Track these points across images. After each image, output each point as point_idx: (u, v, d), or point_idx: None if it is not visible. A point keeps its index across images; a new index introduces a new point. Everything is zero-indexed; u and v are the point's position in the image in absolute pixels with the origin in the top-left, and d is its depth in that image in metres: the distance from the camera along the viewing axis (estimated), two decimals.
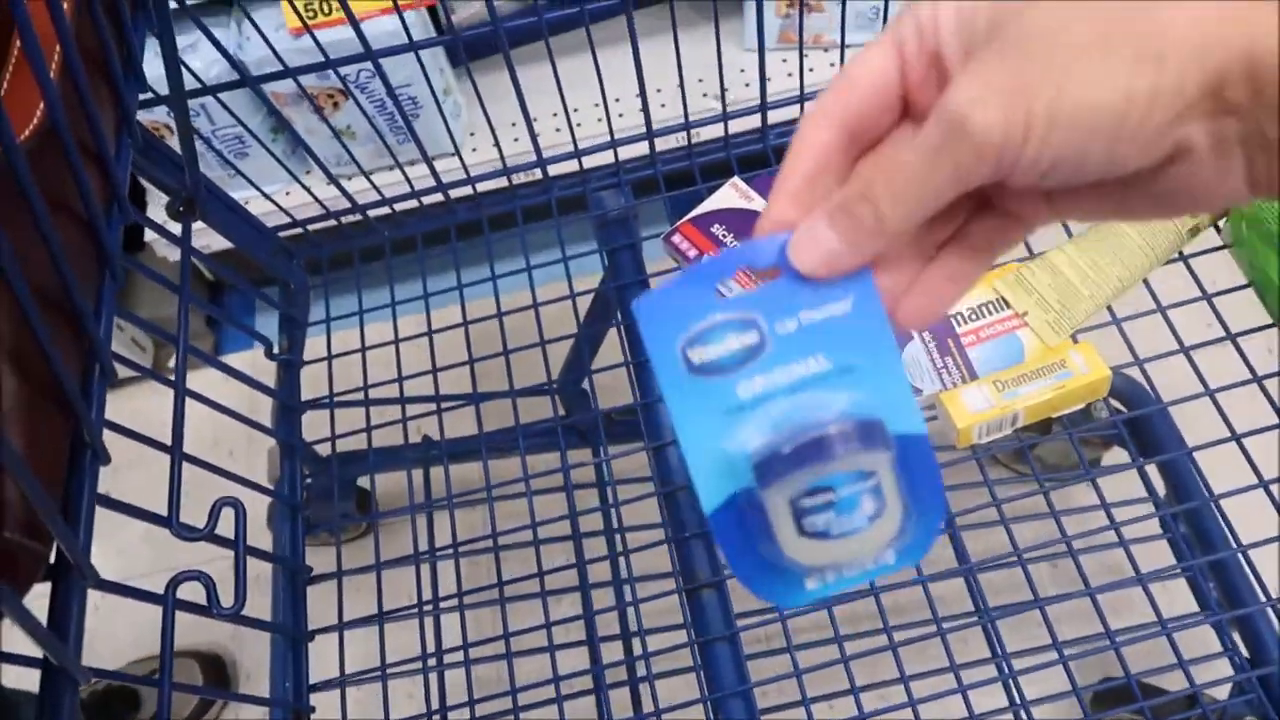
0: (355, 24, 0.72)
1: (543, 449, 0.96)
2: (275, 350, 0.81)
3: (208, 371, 0.72)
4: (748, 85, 1.29)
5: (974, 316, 0.70)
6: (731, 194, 0.79)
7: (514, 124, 1.32)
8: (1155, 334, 0.71)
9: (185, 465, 0.63)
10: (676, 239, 0.77)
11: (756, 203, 0.78)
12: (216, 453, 1.44)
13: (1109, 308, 0.70)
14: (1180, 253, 0.71)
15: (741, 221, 0.77)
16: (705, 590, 0.67)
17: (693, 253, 0.76)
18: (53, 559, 0.44)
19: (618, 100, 1.28)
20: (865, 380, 0.30)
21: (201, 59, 1.14)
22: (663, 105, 1.29)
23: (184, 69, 0.76)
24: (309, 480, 1.14)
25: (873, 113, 0.30)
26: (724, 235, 0.76)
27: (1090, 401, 0.67)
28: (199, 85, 0.76)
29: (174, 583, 0.59)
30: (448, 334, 0.82)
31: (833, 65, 1.28)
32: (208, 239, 1.29)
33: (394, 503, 1.31)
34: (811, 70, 1.30)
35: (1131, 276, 0.69)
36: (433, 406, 0.81)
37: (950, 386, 0.68)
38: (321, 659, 0.72)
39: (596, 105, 1.31)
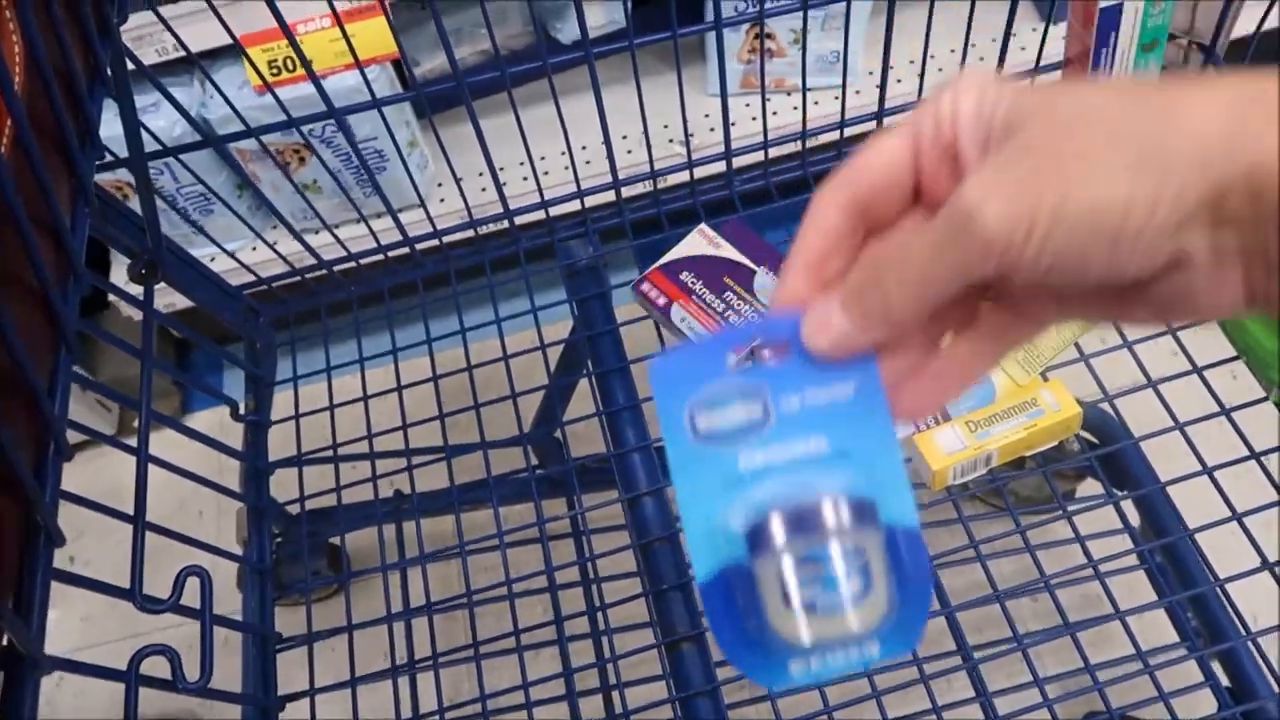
0: (317, 82, 0.72)
1: (517, 500, 0.95)
2: (241, 410, 0.79)
3: (166, 431, 0.71)
4: (712, 130, 1.30)
5: None
6: (699, 241, 0.79)
7: (480, 174, 1.33)
8: (1123, 367, 0.71)
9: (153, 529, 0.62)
10: (645, 287, 0.77)
11: (724, 249, 0.78)
12: (185, 514, 1.42)
13: (1076, 344, 0.71)
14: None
15: (710, 268, 0.77)
16: (685, 644, 0.66)
17: (662, 300, 0.76)
18: (4, 643, 0.42)
19: (584, 148, 1.29)
20: (861, 466, 0.30)
21: (165, 118, 1.13)
22: (629, 152, 1.30)
23: (144, 130, 0.76)
24: (280, 540, 1.12)
25: (884, 196, 0.30)
26: (692, 282, 0.76)
27: (1063, 438, 0.68)
28: (160, 146, 0.75)
29: (137, 658, 0.58)
30: (418, 388, 0.81)
31: (795, 109, 1.29)
32: (172, 295, 1.28)
33: (368, 558, 1.29)
34: (775, 114, 1.32)
35: None
36: (404, 462, 0.80)
37: (923, 428, 0.67)
38: None
39: (563, 154, 1.33)
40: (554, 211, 0.85)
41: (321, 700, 0.70)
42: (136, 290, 0.73)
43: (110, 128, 0.72)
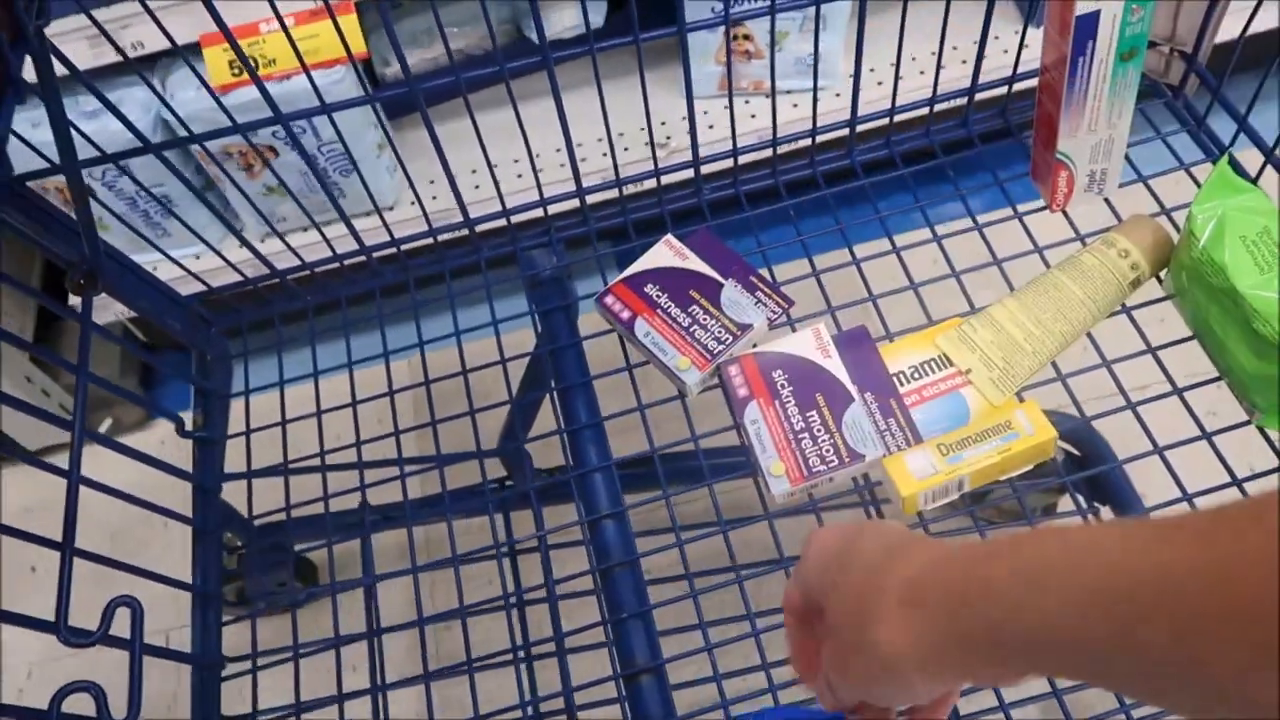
0: (261, 87, 0.68)
1: (476, 513, 0.91)
2: (188, 426, 0.76)
3: (134, 437, 0.68)
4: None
5: (916, 375, 0.67)
6: (665, 252, 0.76)
7: (467, 173, 1.30)
8: (1101, 384, 0.69)
9: (110, 539, 0.59)
10: (609, 300, 0.74)
11: (691, 260, 0.75)
12: (149, 523, 1.38)
13: (1053, 362, 0.68)
14: (1124, 305, 0.69)
15: (675, 281, 0.74)
16: (644, 676, 0.63)
17: (625, 314, 0.73)
18: None
19: (558, 151, 1.26)
20: None
21: (128, 113, 1.09)
22: (604, 155, 1.26)
23: (81, 135, 0.73)
24: (242, 551, 1.09)
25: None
26: (658, 295, 0.74)
27: (1038, 462, 0.65)
28: (99, 152, 0.72)
29: (59, 696, 0.55)
30: (374, 402, 0.78)
31: (795, 106, 1.27)
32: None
33: (342, 569, 1.26)
34: (754, 117, 1.29)
35: (1074, 330, 0.67)
36: (364, 476, 0.77)
37: (894, 450, 0.65)
38: None
39: (520, 160, 1.30)
40: (519, 219, 0.82)
41: None
42: (76, 300, 0.70)
43: (42, 135, 0.69)
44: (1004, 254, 0.74)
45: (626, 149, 1.26)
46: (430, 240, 0.83)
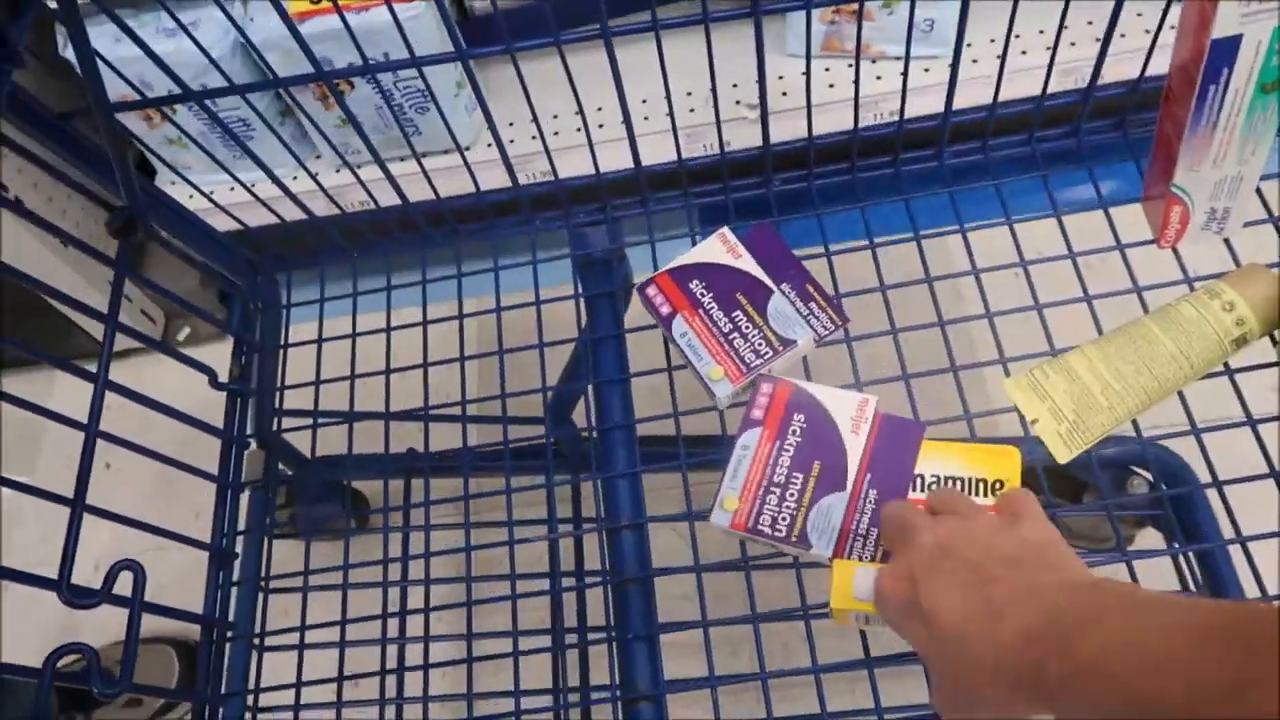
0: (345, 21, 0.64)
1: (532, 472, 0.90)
2: (224, 380, 0.75)
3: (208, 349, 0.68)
4: (785, 95, 1.19)
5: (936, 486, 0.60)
6: (718, 247, 0.70)
7: (511, 123, 1.25)
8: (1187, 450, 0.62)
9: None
10: (651, 291, 0.70)
11: (744, 260, 0.69)
12: (197, 447, 1.42)
13: (1133, 421, 0.61)
14: (1226, 365, 0.61)
15: (724, 280, 0.69)
16: (643, 703, 0.61)
17: (665, 309, 0.69)
18: None
19: (644, 101, 1.19)
20: None
21: (204, 37, 1.08)
22: (691, 110, 1.20)
23: (111, 70, 0.70)
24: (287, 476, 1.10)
25: None
26: (702, 294, 0.68)
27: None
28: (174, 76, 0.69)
29: (53, 657, 0.55)
30: (413, 371, 0.76)
31: (878, 79, 1.17)
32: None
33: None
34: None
35: (1161, 389, 0.59)
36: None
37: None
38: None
39: (604, 109, 1.22)
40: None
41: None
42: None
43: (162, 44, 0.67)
44: (1096, 289, 0.66)
45: (692, 111, 1.20)
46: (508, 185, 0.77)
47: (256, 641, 0.70)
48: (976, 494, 0.60)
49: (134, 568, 0.59)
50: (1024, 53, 1.14)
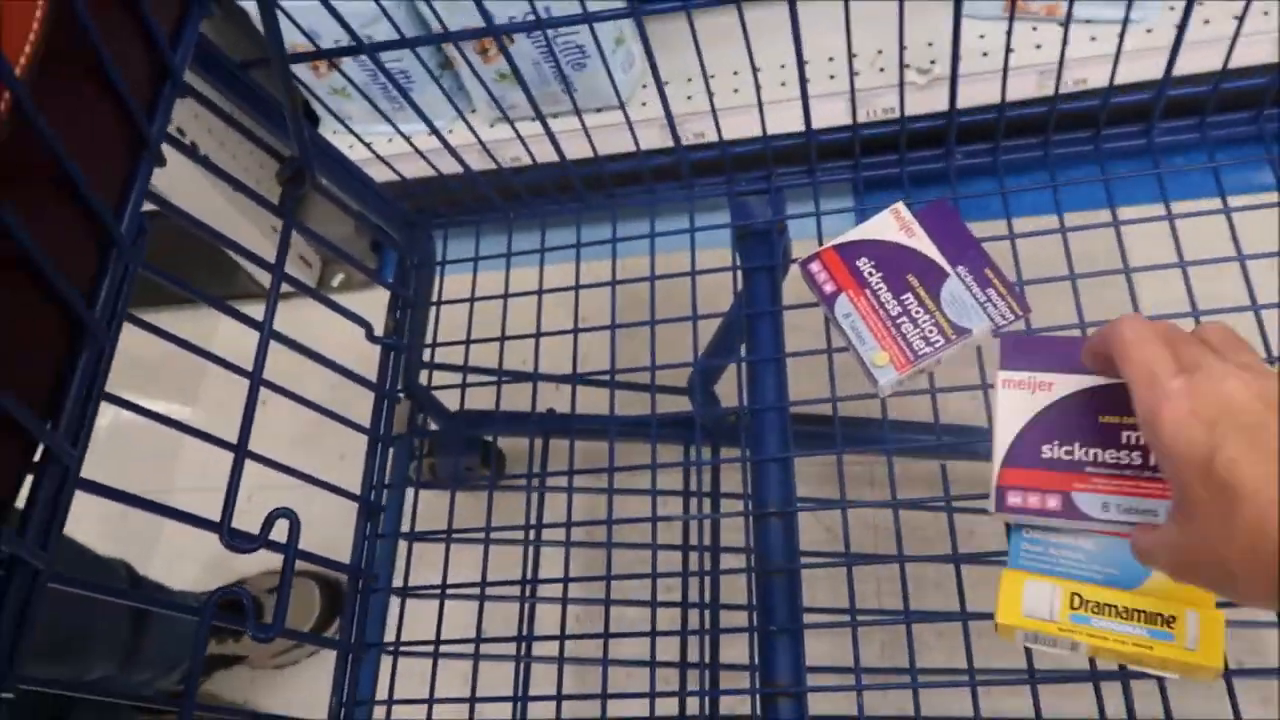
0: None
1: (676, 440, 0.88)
2: (379, 333, 0.76)
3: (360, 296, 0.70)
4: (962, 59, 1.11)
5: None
6: (890, 222, 0.66)
7: (690, 79, 1.21)
8: None
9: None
10: (815, 267, 0.66)
11: (918, 238, 0.65)
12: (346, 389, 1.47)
13: None
14: None
15: (895, 259, 0.64)
16: (782, 699, 0.58)
17: (829, 287, 0.65)
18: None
19: (808, 62, 1.14)
20: None
21: None
22: (857, 73, 1.13)
23: (295, 26, 0.71)
24: (434, 430, 1.11)
25: None
26: (870, 273, 0.64)
27: (1187, 677, 0.51)
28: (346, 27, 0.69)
29: (214, 597, 0.57)
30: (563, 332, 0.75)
31: (1039, 47, 1.08)
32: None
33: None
34: (1039, 48, 1.11)
35: None
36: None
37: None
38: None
39: (766, 69, 1.17)
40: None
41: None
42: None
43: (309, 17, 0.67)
44: None
45: (878, 70, 1.13)
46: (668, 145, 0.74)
47: (399, 593, 0.71)
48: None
49: (290, 516, 0.61)
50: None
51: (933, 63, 1.14)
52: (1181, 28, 0.62)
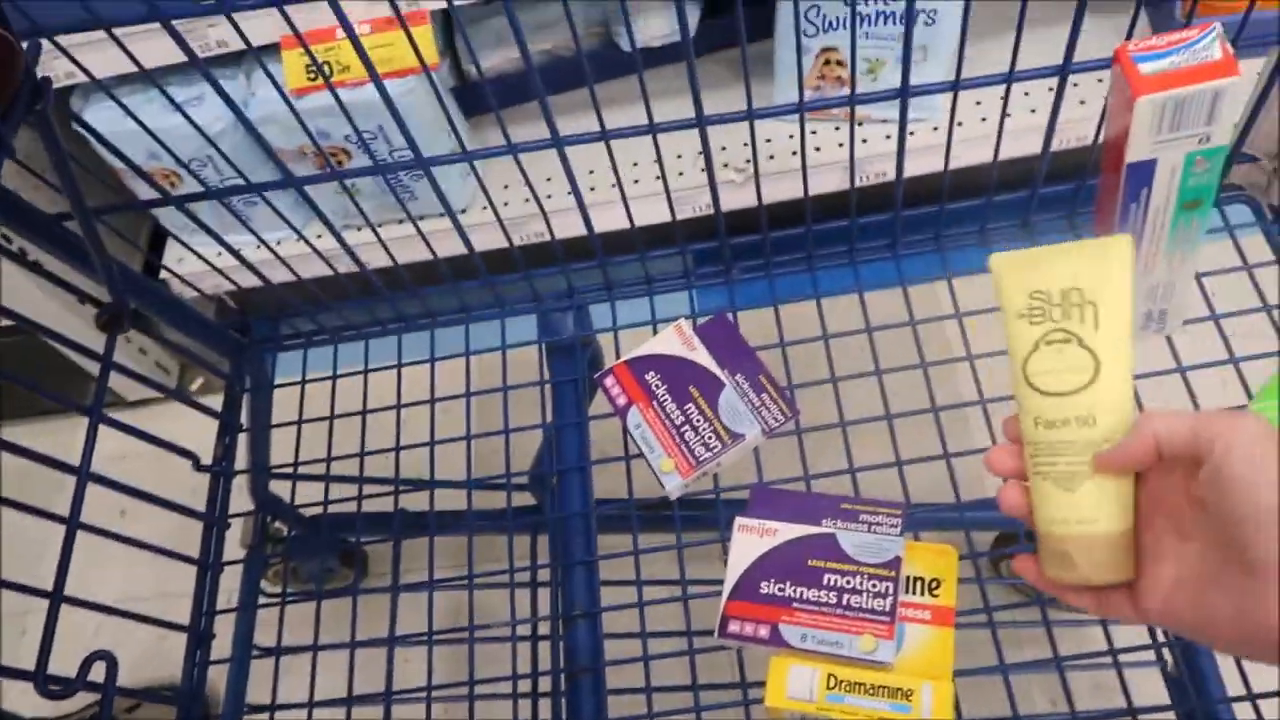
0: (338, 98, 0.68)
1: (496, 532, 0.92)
2: (206, 462, 0.79)
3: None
4: (772, 158, 1.21)
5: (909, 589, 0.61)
6: (674, 338, 0.72)
7: (522, 185, 1.27)
8: None
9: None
10: (609, 382, 0.72)
11: (698, 352, 0.71)
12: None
13: None
14: None
15: (678, 373, 0.71)
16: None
17: (622, 400, 0.71)
18: None
19: (635, 165, 1.21)
20: None
21: (209, 112, 1.12)
22: (680, 174, 1.22)
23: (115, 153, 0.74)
24: (293, 536, 1.13)
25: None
26: (657, 385, 0.71)
27: None
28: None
29: None
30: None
31: (864, 141, 1.19)
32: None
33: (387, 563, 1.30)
34: (840, 146, 1.21)
35: None
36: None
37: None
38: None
39: (596, 171, 1.23)
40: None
41: None
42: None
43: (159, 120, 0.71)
44: None
45: (681, 174, 1.22)
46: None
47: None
48: (912, 592, 0.61)
49: (107, 658, 0.63)
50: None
51: (747, 161, 1.23)
52: (950, 132, 0.70)
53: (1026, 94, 1.17)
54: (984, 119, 1.17)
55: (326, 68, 1.11)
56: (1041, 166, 0.69)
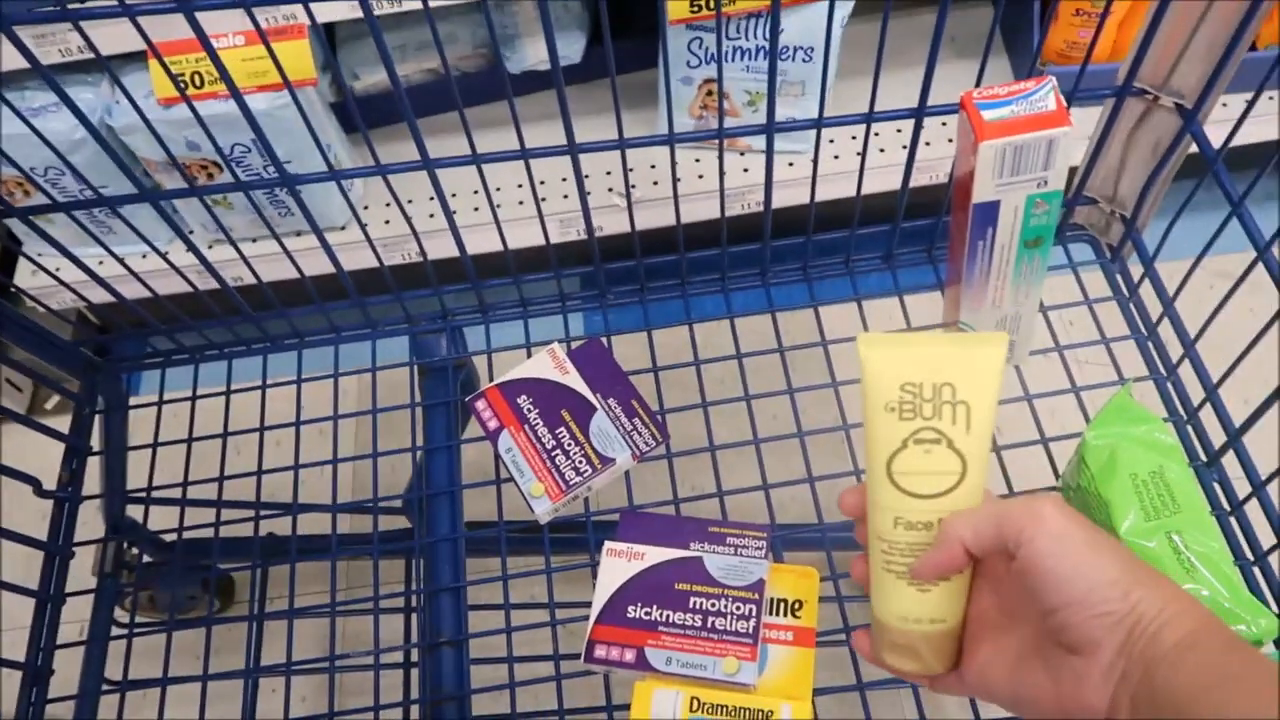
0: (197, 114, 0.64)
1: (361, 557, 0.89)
2: (50, 487, 0.74)
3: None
4: (656, 184, 1.23)
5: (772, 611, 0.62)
6: (547, 362, 0.72)
7: (410, 201, 1.26)
8: None
9: None
10: (480, 405, 0.71)
11: (571, 376, 0.71)
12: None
13: None
14: None
15: (550, 397, 0.70)
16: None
17: (493, 424, 0.70)
18: None
19: (520, 186, 1.21)
20: None
21: (64, 121, 1.07)
22: (565, 196, 1.23)
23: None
24: (148, 564, 1.07)
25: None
26: (529, 409, 0.70)
27: None
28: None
29: None
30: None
31: (745, 170, 1.22)
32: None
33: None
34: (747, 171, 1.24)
35: None
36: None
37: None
38: None
39: (478, 192, 1.23)
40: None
41: None
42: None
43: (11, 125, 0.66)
44: None
45: (565, 197, 1.22)
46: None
47: None
48: (775, 614, 0.62)
49: None
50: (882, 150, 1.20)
51: (633, 186, 1.25)
52: (814, 167, 0.71)
53: (899, 130, 1.22)
54: (858, 154, 1.22)
55: (197, 78, 1.07)
56: (901, 201, 0.71)
